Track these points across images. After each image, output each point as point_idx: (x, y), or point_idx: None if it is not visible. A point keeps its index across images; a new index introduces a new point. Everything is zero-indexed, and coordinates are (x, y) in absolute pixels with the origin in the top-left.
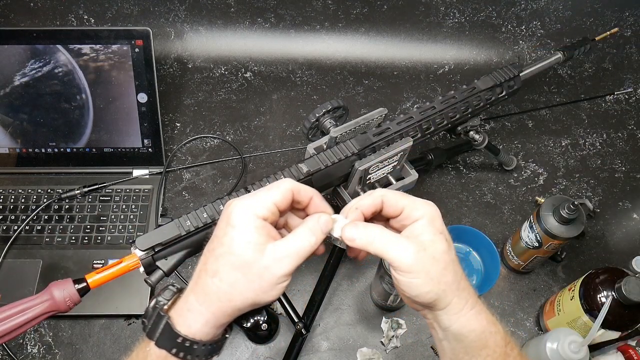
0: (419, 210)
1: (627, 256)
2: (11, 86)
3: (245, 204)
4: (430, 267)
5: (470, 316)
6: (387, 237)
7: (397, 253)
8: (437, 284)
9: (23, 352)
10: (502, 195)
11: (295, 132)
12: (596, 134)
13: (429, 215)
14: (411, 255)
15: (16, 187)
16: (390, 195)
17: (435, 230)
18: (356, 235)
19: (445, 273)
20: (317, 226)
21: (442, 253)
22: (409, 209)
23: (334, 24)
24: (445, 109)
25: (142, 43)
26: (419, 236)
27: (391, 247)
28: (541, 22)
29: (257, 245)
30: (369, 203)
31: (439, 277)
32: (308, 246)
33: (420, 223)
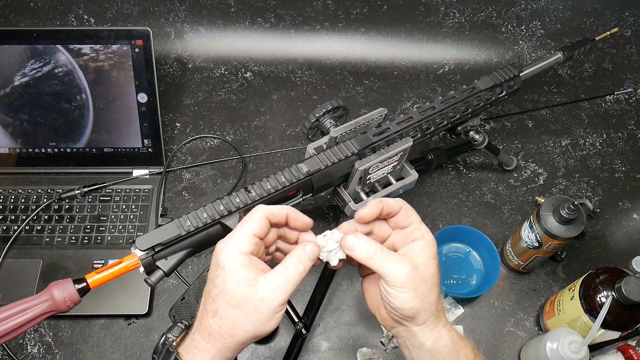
0: (421, 231)
1: (627, 256)
2: (11, 86)
3: (229, 245)
4: (419, 286)
5: (443, 332)
6: (386, 254)
7: (393, 269)
8: (421, 301)
9: (23, 352)
10: (502, 195)
11: (295, 132)
12: (596, 134)
13: (428, 240)
14: (405, 273)
15: (16, 187)
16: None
17: (430, 255)
18: (357, 245)
19: (430, 293)
20: (303, 255)
21: (432, 275)
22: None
23: (334, 24)
24: (445, 109)
25: (142, 43)
26: (414, 256)
27: (387, 263)
28: (541, 22)
29: (248, 282)
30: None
31: (424, 296)
32: (297, 275)
33: (420, 244)
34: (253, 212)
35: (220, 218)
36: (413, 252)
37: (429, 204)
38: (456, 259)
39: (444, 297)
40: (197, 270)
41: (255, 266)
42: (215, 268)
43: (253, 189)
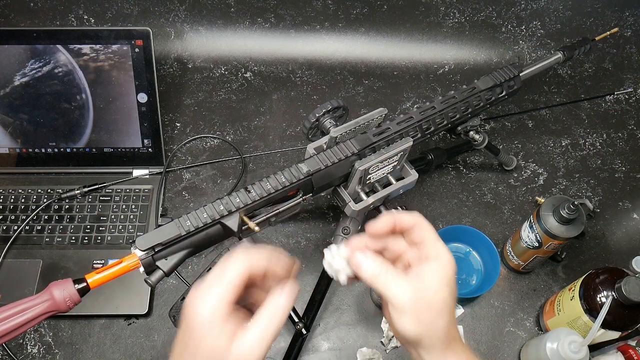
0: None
1: (627, 256)
2: (11, 86)
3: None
4: (423, 312)
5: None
6: (391, 275)
7: (396, 292)
8: (425, 328)
9: (23, 352)
10: (502, 195)
11: (295, 132)
12: (596, 134)
13: (444, 261)
14: (408, 298)
15: (16, 187)
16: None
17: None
18: (364, 263)
19: (438, 320)
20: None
21: (441, 301)
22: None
23: (334, 24)
24: (445, 109)
25: (142, 43)
26: (424, 278)
27: (391, 285)
28: (541, 22)
29: (226, 341)
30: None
31: (428, 323)
32: (276, 328)
33: (432, 266)
34: (233, 260)
35: (220, 218)
36: (424, 275)
37: (429, 204)
38: (456, 259)
39: None
40: (197, 270)
41: (232, 324)
42: (189, 330)
43: (253, 189)
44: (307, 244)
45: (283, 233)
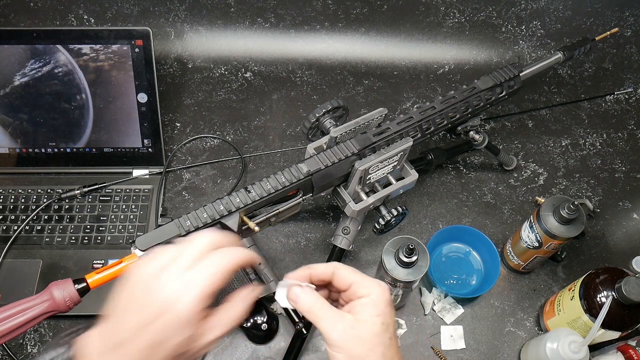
0: (366, 288)
1: (627, 256)
2: (11, 86)
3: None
4: (355, 346)
5: None
6: (324, 310)
7: (328, 327)
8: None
9: (23, 352)
10: (502, 195)
11: (295, 132)
12: (596, 134)
13: (374, 295)
14: (339, 332)
15: (16, 187)
16: (342, 269)
17: (374, 312)
18: (300, 297)
19: (370, 354)
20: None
21: (373, 335)
22: (357, 286)
23: (334, 24)
24: (445, 109)
25: (142, 43)
26: (357, 314)
27: (324, 319)
28: (541, 22)
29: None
30: (322, 270)
31: (361, 357)
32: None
33: (364, 301)
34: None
35: (220, 218)
36: (356, 310)
37: (429, 204)
38: (456, 259)
39: (443, 297)
40: None
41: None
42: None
43: (253, 189)
44: (307, 244)
45: (283, 233)
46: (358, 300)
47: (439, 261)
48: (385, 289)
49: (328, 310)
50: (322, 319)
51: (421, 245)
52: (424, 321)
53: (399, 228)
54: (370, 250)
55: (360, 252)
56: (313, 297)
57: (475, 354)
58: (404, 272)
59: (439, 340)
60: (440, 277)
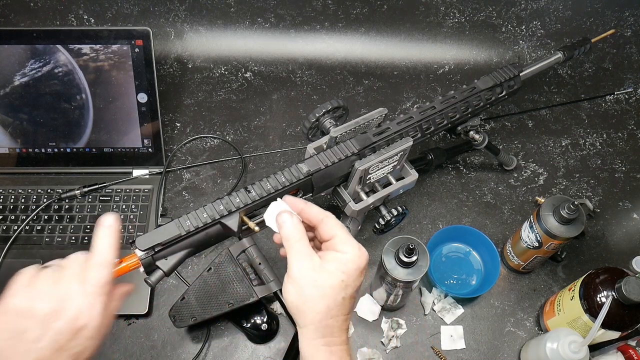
0: (345, 246)
1: (627, 256)
2: (11, 86)
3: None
4: (307, 287)
5: (322, 351)
6: (299, 243)
7: (295, 259)
8: (302, 303)
9: None
10: (502, 195)
11: (295, 132)
12: (596, 134)
13: (349, 255)
14: (301, 269)
15: (16, 187)
16: (331, 221)
17: (340, 268)
18: (286, 223)
19: (318, 301)
20: None
21: (329, 286)
22: (338, 240)
23: (334, 24)
24: (445, 109)
25: (142, 43)
26: (326, 262)
27: (295, 252)
28: (541, 22)
29: None
30: (314, 213)
31: (306, 300)
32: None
33: (337, 255)
34: None
35: (220, 218)
36: (326, 259)
37: (429, 204)
38: (456, 259)
39: (443, 297)
40: (197, 270)
41: None
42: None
43: (253, 189)
44: None
45: None
46: (333, 252)
47: (439, 261)
48: (363, 255)
49: (303, 246)
50: (294, 250)
51: (421, 245)
52: (424, 321)
53: (399, 228)
54: (370, 250)
55: None
56: (297, 229)
57: (475, 354)
58: (404, 272)
59: (439, 340)
60: (440, 277)
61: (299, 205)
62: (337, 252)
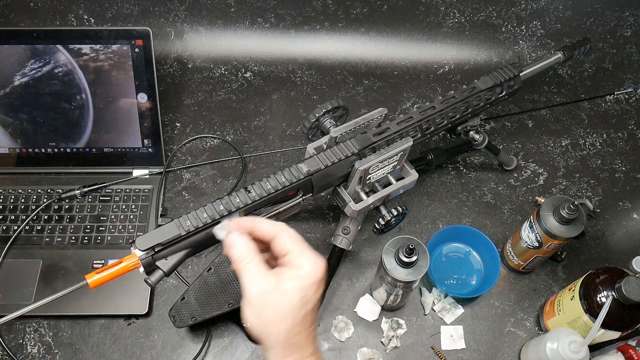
0: (301, 260)
1: (627, 256)
2: (11, 86)
3: None
4: (266, 310)
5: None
6: (251, 264)
7: (248, 283)
8: (264, 327)
9: (23, 352)
10: (502, 195)
11: (295, 132)
12: (596, 134)
13: (305, 270)
14: (257, 292)
15: (16, 187)
16: (284, 236)
17: (297, 285)
18: (236, 244)
19: (279, 324)
20: None
21: (287, 307)
22: (293, 256)
23: (334, 24)
24: (445, 109)
25: (142, 43)
26: (282, 280)
27: (248, 274)
28: (541, 22)
29: None
30: (265, 229)
31: (267, 323)
32: None
33: (293, 272)
34: None
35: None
36: (281, 277)
37: (429, 204)
38: (456, 259)
39: (443, 297)
40: (197, 270)
41: None
42: None
43: (253, 189)
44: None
45: None
46: (289, 269)
47: (439, 261)
48: (320, 267)
49: (255, 266)
50: (246, 272)
51: (421, 245)
52: (424, 321)
53: (399, 228)
54: (370, 250)
55: (360, 252)
56: (247, 248)
57: (475, 354)
58: (404, 272)
59: (439, 340)
60: (440, 277)
61: (248, 225)
62: (292, 268)
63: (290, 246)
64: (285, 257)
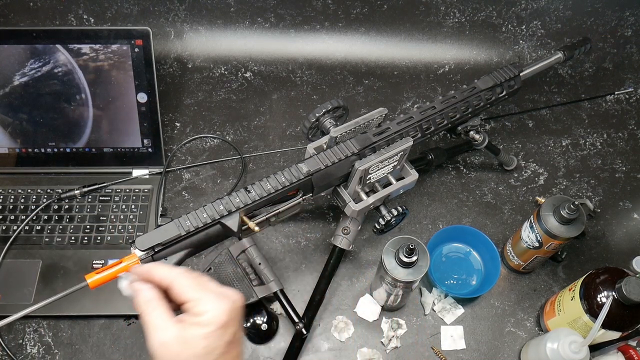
0: (203, 306)
1: (628, 256)
2: (11, 86)
3: None
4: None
5: None
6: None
7: (151, 334)
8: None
9: (23, 352)
10: (502, 195)
11: (295, 132)
12: (596, 133)
13: (208, 317)
14: (160, 344)
15: (16, 187)
16: (179, 284)
17: (201, 333)
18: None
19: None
20: None
21: (193, 356)
22: (193, 304)
23: (334, 24)
24: (445, 108)
25: (141, 43)
26: (185, 329)
27: (150, 325)
28: (541, 21)
29: None
30: (160, 276)
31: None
32: None
33: (195, 319)
34: None
35: (220, 218)
36: (186, 324)
37: (429, 204)
38: (456, 259)
39: (443, 297)
40: (197, 270)
41: None
42: None
43: (253, 189)
44: (307, 244)
45: (283, 233)
46: (190, 316)
47: (439, 261)
48: (224, 309)
49: (157, 317)
50: (148, 323)
51: (421, 245)
52: (424, 321)
53: (399, 228)
54: (370, 250)
55: (360, 252)
56: (149, 296)
57: (476, 354)
58: (404, 272)
59: (439, 341)
60: (440, 277)
61: (144, 272)
62: (194, 315)
63: (188, 294)
64: (185, 306)
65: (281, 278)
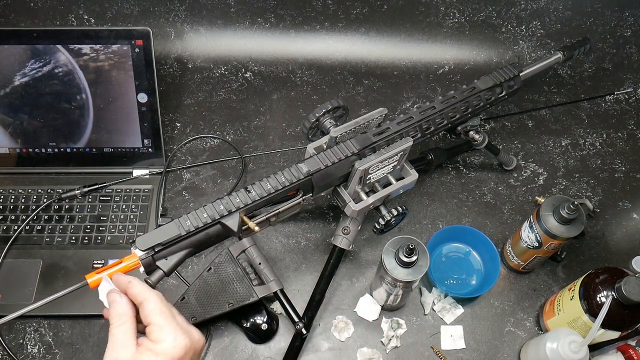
0: (161, 334)
1: (627, 256)
2: (11, 86)
3: None
4: None
5: None
6: (119, 331)
7: (109, 348)
8: None
9: (23, 352)
10: (502, 195)
11: (295, 132)
12: (596, 134)
13: (162, 347)
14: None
15: (16, 187)
16: (148, 308)
17: None
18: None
19: None
20: None
21: None
22: (154, 328)
23: (334, 24)
24: (445, 108)
25: (142, 43)
26: (138, 352)
27: (112, 340)
28: (541, 22)
29: None
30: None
31: None
32: None
33: (150, 345)
34: None
35: (220, 218)
36: (143, 347)
37: (429, 204)
38: (456, 259)
39: (443, 297)
40: (197, 270)
41: None
42: None
43: (253, 189)
44: (307, 244)
45: (283, 233)
46: (147, 341)
47: (439, 261)
48: (179, 346)
49: (121, 333)
50: (112, 337)
51: (421, 245)
52: (424, 321)
53: (399, 228)
54: (370, 250)
55: (360, 252)
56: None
57: (475, 354)
58: (404, 272)
59: (439, 340)
60: (440, 277)
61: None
62: (150, 341)
63: (153, 318)
64: (148, 328)
65: (281, 278)
